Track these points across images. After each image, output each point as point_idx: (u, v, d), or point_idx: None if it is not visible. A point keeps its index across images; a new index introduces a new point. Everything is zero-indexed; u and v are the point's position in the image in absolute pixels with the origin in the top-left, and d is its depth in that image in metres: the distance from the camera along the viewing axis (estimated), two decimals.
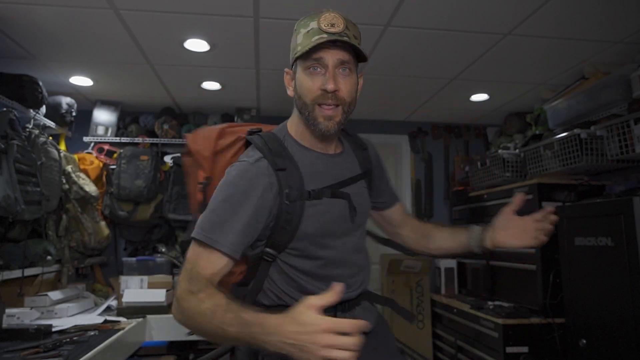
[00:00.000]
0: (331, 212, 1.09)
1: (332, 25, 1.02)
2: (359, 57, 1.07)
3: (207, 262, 0.97)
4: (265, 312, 0.85)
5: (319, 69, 1.03)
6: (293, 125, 1.14)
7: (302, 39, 1.04)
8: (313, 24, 1.03)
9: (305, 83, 1.04)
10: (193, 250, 0.99)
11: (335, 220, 1.10)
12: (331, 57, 1.02)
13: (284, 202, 1.03)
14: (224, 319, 0.85)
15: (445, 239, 1.35)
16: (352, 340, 0.74)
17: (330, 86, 1.01)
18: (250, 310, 0.85)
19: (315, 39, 1.00)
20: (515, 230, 1.24)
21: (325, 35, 1.00)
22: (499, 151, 2.96)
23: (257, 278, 1.10)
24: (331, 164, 1.13)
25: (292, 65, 1.10)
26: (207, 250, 0.97)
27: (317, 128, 1.05)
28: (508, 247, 1.24)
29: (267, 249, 1.07)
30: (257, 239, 1.05)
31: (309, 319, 0.77)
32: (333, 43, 1.01)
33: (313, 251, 1.08)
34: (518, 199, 1.25)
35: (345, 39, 1.01)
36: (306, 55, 1.02)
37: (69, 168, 2.71)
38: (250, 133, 1.13)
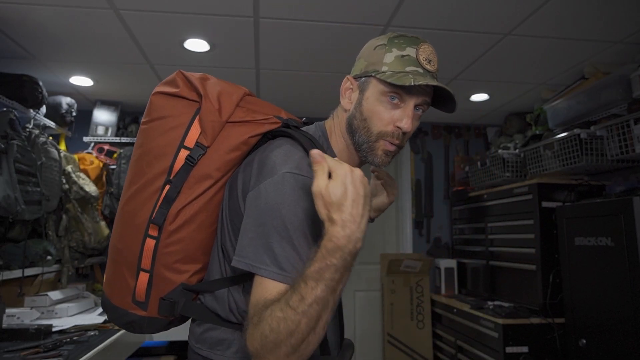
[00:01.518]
0: None
1: (430, 62, 0.93)
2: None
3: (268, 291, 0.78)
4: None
5: (397, 101, 0.92)
6: (332, 131, 1.01)
7: (393, 61, 0.92)
8: (411, 51, 0.92)
9: (379, 111, 0.92)
10: (263, 287, 0.78)
11: None
12: (417, 96, 0.93)
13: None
14: (300, 294, 0.70)
15: None
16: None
17: (407, 127, 0.92)
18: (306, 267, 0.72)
19: (411, 71, 0.90)
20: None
21: (422, 71, 0.91)
22: (499, 151, 2.96)
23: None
24: None
25: (361, 78, 0.97)
26: (274, 283, 0.78)
27: (372, 159, 0.95)
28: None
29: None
30: None
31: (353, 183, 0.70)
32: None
33: None
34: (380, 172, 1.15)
35: (436, 81, 0.92)
36: (392, 86, 0.91)
37: (69, 168, 2.71)
38: (285, 125, 0.95)
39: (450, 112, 0.99)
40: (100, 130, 3.25)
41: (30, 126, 2.43)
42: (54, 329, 1.93)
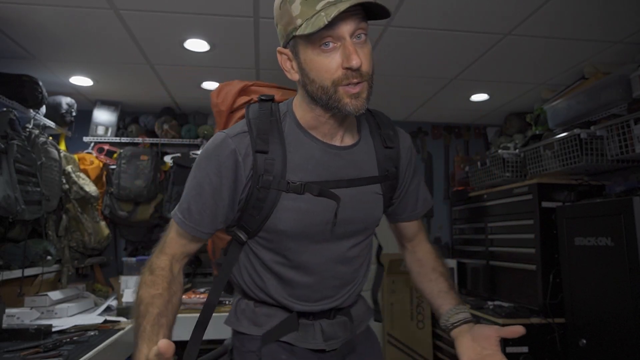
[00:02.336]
0: (313, 212, 0.94)
1: None
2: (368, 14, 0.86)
3: (172, 240, 0.98)
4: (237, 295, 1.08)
5: (331, 44, 0.84)
6: (297, 104, 0.97)
7: (300, 9, 0.84)
8: None
9: (320, 64, 0.86)
10: (170, 225, 0.99)
11: (316, 224, 0.95)
12: (347, 26, 0.83)
13: (255, 187, 0.92)
14: (135, 316, 0.91)
15: (427, 291, 1.15)
16: None
17: (355, 62, 0.83)
18: (144, 331, 0.87)
19: (323, 7, 0.81)
20: (476, 355, 0.97)
21: (333, 0, 0.80)
22: (499, 151, 2.96)
23: (228, 258, 1.02)
24: (333, 157, 0.96)
25: (288, 43, 0.91)
26: (175, 229, 0.97)
27: (344, 109, 0.88)
28: (459, 354, 1.01)
29: (238, 232, 0.99)
30: (232, 218, 0.98)
31: None
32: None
33: (282, 249, 0.98)
34: (511, 331, 0.92)
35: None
36: (313, 31, 0.81)
37: (69, 168, 2.71)
38: (262, 99, 0.99)
39: (386, 17, 0.87)
40: (100, 130, 3.25)
41: (30, 126, 2.43)
42: (54, 329, 1.93)
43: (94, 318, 2.30)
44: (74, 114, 2.97)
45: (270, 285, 1.01)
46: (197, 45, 2.32)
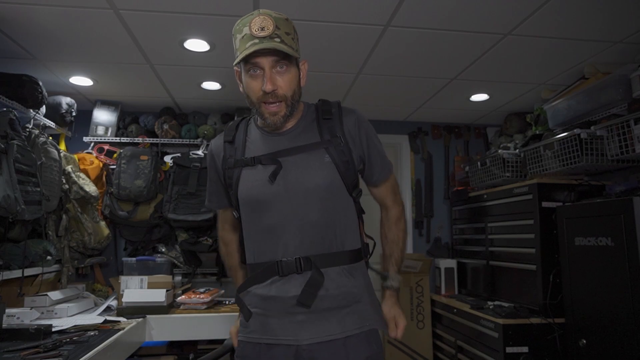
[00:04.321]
0: (260, 177, 1.20)
1: (262, 29, 1.10)
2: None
3: (219, 217, 1.47)
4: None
5: (258, 71, 1.13)
6: (255, 116, 1.30)
7: (239, 44, 1.13)
8: (246, 30, 1.12)
9: (249, 84, 1.16)
10: None
11: (261, 184, 1.20)
12: (265, 60, 1.12)
13: (226, 168, 1.26)
14: (232, 275, 1.48)
15: (381, 252, 1.42)
16: None
17: (267, 87, 1.12)
18: (239, 280, 1.41)
19: (249, 46, 1.09)
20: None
21: (257, 41, 1.09)
22: (499, 151, 2.96)
23: (240, 234, 1.32)
24: (274, 139, 1.24)
25: (238, 64, 1.18)
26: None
27: (266, 122, 1.19)
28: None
29: (234, 211, 1.31)
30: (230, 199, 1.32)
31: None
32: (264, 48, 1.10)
33: (252, 214, 1.22)
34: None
35: (276, 40, 1.10)
36: (245, 61, 1.12)
37: (69, 168, 2.71)
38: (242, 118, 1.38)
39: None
40: (100, 130, 3.25)
41: (30, 126, 2.43)
42: (53, 329, 1.93)
43: (94, 318, 2.30)
44: (74, 114, 2.97)
45: (257, 249, 1.24)
46: (197, 45, 2.32)
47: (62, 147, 2.96)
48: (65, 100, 2.90)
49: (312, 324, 1.15)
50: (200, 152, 3.22)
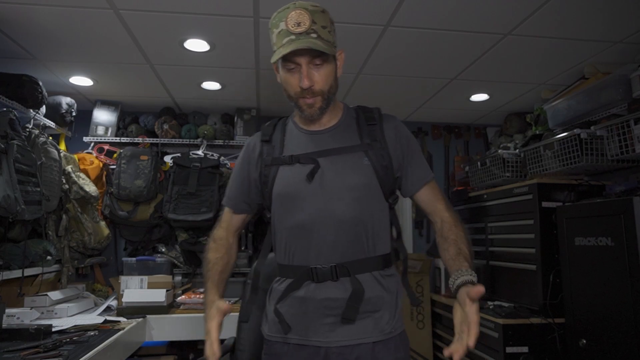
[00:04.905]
0: (295, 174, 1.20)
1: (298, 24, 1.10)
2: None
3: (224, 216, 1.39)
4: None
5: (294, 67, 1.14)
6: (294, 111, 1.30)
7: (276, 39, 1.14)
8: (282, 25, 1.12)
9: (286, 80, 1.17)
10: (223, 206, 1.39)
11: (297, 182, 1.20)
12: (302, 57, 1.12)
13: (262, 166, 1.26)
14: (205, 272, 1.32)
15: (444, 261, 1.20)
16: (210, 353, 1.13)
17: (305, 84, 1.13)
18: (213, 281, 1.29)
19: (285, 42, 1.10)
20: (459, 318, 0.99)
21: (293, 37, 1.10)
22: (499, 151, 2.96)
23: (267, 236, 1.32)
24: (314, 138, 1.25)
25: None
26: (225, 208, 1.38)
27: (303, 114, 1.21)
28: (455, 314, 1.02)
29: (265, 211, 1.30)
30: (258, 199, 1.31)
31: (207, 330, 1.19)
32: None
33: (285, 211, 1.22)
34: (474, 291, 0.94)
35: (312, 36, 1.10)
36: (282, 58, 1.13)
37: (69, 168, 2.71)
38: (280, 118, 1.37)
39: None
40: (100, 130, 3.25)
41: (30, 126, 2.43)
42: (53, 329, 1.93)
43: (94, 318, 2.30)
44: (74, 114, 2.97)
45: (279, 246, 1.24)
46: (197, 45, 2.32)
47: (62, 147, 2.97)
48: (65, 100, 2.90)
49: (343, 327, 1.14)
50: (200, 152, 3.22)
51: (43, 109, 2.61)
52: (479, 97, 3.16)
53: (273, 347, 1.23)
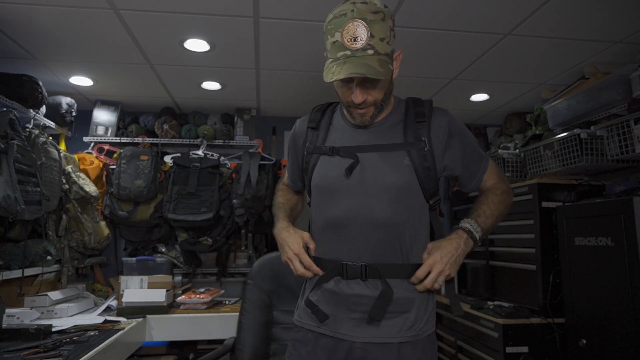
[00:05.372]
0: (334, 167, 1.20)
1: (355, 39, 1.05)
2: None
3: (285, 176, 1.49)
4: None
5: (347, 81, 1.12)
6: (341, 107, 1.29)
7: (330, 48, 1.10)
8: (338, 36, 1.06)
9: (340, 91, 1.17)
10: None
11: (335, 175, 1.19)
12: (355, 78, 1.09)
13: (305, 153, 1.28)
14: (275, 209, 1.38)
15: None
16: (299, 268, 1.18)
17: (357, 100, 1.12)
18: (284, 211, 1.34)
19: (340, 56, 1.06)
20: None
21: (348, 53, 1.05)
22: (499, 151, 2.96)
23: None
24: (357, 132, 1.23)
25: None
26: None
27: (354, 121, 1.21)
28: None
29: (307, 195, 1.33)
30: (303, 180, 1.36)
31: (292, 242, 1.20)
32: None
33: (321, 202, 1.23)
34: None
35: (369, 52, 1.05)
36: None
37: (69, 168, 2.71)
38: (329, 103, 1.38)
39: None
40: (100, 130, 3.25)
41: (30, 126, 2.43)
42: (53, 329, 1.93)
43: (94, 318, 2.30)
44: (74, 114, 2.97)
45: (314, 239, 1.25)
46: (197, 45, 2.32)
47: (62, 147, 2.97)
48: (65, 100, 2.90)
49: (370, 324, 1.14)
50: (200, 152, 3.22)
51: (43, 109, 2.61)
52: (479, 97, 3.16)
53: (300, 332, 1.25)
